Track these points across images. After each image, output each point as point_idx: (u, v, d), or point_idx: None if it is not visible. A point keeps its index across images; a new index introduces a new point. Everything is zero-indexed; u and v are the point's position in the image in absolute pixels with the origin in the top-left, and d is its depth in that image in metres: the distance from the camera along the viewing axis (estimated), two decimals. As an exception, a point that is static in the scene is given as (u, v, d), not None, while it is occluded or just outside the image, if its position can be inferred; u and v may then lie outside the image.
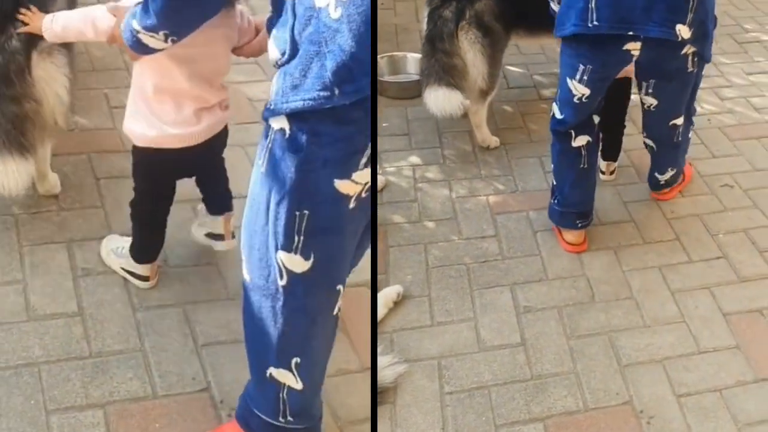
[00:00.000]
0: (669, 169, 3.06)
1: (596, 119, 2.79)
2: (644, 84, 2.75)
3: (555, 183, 2.86)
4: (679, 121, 2.88)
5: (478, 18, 3.17)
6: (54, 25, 2.17)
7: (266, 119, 1.67)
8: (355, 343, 2.38)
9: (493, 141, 3.40)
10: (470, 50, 3.17)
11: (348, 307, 2.32)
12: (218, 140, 2.28)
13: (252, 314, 1.82)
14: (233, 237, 2.45)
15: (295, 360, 1.82)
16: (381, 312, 2.53)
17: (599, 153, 3.04)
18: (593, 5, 2.45)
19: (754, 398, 2.39)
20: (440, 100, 3.11)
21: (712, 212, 3.13)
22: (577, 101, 2.67)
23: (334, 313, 1.85)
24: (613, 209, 3.10)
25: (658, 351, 2.52)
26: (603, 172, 3.22)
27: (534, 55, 4.08)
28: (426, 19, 3.28)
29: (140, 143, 2.19)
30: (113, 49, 3.17)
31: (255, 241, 1.75)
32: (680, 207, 3.14)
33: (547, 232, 2.95)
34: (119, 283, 2.42)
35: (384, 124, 3.46)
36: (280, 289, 1.74)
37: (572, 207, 2.83)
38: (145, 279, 2.42)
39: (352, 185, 1.65)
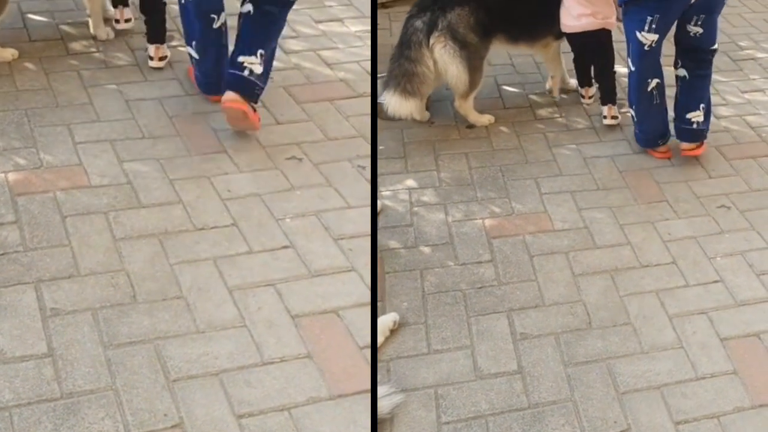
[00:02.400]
0: (701, 106, 3.44)
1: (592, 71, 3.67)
2: (694, 18, 3.26)
3: (636, 118, 3.47)
4: (715, 47, 3.42)
5: (452, 29, 3.30)
6: None
7: None
8: (324, 371, 2.27)
9: (486, 118, 3.60)
10: (451, 64, 3.32)
11: (318, 334, 2.33)
12: None
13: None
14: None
15: (193, 42, 3.15)
16: (378, 340, 2.52)
17: (600, 100, 3.70)
18: None
19: (752, 425, 2.38)
20: (393, 105, 3.33)
21: (709, 234, 3.12)
22: (648, 49, 3.24)
23: (211, 21, 3.04)
24: (610, 232, 3.09)
25: (656, 378, 2.51)
26: (605, 117, 3.68)
27: (530, 74, 4.09)
28: (402, 26, 3.42)
29: None
30: (77, 84, 3.22)
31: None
32: (677, 229, 3.14)
33: (544, 256, 2.94)
34: (89, 322, 2.31)
35: (380, 147, 3.46)
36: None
37: (653, 133, 3.49)
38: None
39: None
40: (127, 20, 3.50)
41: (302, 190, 2.88)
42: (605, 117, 3.68)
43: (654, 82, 3.37)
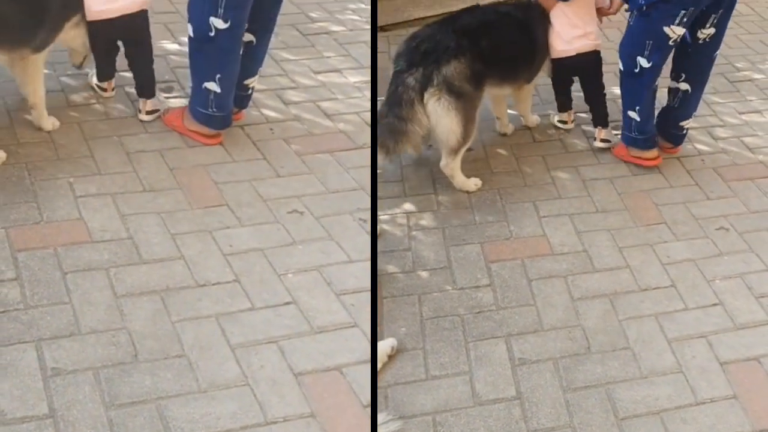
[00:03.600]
0: (693, 114, 3.62)
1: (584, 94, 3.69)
2: (712, 16, 3.31)
3: (639, 119, 3.49)
4: (717, 54, 3.52)
5: (448, 83, 3.14)
6: None
7: None
8: (327, 429, 2.26)
9: (472, 184, 3.39)
10: (446, 117, 3.16)
11: (321, 393, 2.31)
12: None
13: (194, 53, 3.17)
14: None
15: (218, 76, 3.15)
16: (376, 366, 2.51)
17: (592, 122, 3.72)
18: None
19: (753, 451, 2.37)
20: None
21: (708, 257, 3.12)
22: (672, 43, 3.32)
23: (240, 50, 3.18)
24: (608, 255, 3.09)
25: (655, 403, 2.50)
26: (595, 139, 3.70)
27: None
28: (390, 80, 3.26)
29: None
30: (78, 137, 3.20)
31: (196, 11, 3.06)
32: (675, 251, 3.13)
33: (542, 280, 2.94)
34: (90, 382, 2.27)
35: (378, 171, 3.46)
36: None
37: (652, 132, 3.55)
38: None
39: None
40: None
41: (304, 244, 2.86)
42: (595, 139, 3.69)
43: (656, 81, 3.48)
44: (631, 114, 3.52)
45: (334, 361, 2.44)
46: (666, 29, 3.26)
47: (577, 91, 3.78)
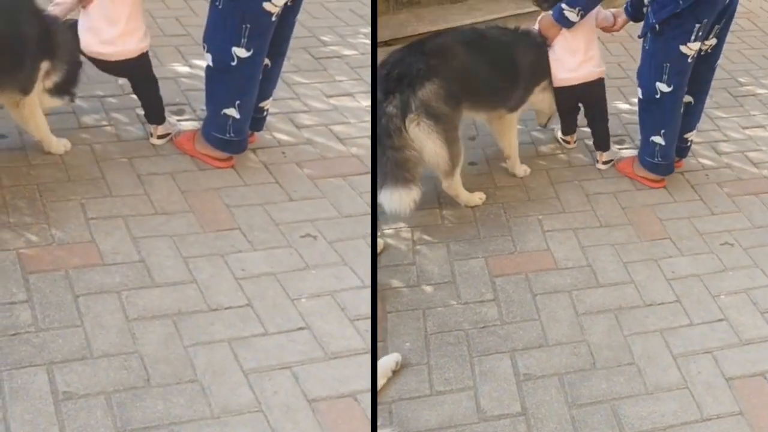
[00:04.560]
0: (696, 126, 3.64)
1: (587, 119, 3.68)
2: (716, 27, 3.30)
3: (664, 143, 3.45)
4: (718, 64, 3.54)
5: (426, 106, 3.04)
6: None
7: None
8: None
9: (477, 198, 3.37)
10: (428, 140, 3.05)
11: (335, 419, 2.30)
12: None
13: (213, 82, 3.15)
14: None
15: (237, 102, 3.13)
16: (380, 382, 2.50)
17: (594, 146, 3.71)
18: None
19: (760, 468, 2.35)
20: (394, 202, 2.98)
21: (713, 272, 3.11)
22: (690, 61, 3.29)
23: (260, 75, 3.19)
24: (613, 270, 3.08)
25: (661, 419, 2.48)
26: (597, 161, 3.68)
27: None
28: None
29: None
30: (89, 158, 3.18)
31: (216, 41, 3.06)
32: (680, 267, 3.13)
33: (547, 295, 2.93)
34: (102, 406, 2.25)
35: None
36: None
37: (672, 157, 3.55)
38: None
39: (273, 6, 2.96)
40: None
41: (317, 269, 2.83)
42: (597, 161, 3.68)
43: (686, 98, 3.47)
44: (656, 139, 3.47)
45: (349, 388, 2.41)
46: (682, 48, 3.25)
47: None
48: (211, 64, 3.10)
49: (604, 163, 3.69)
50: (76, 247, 2.75)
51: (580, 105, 3.71)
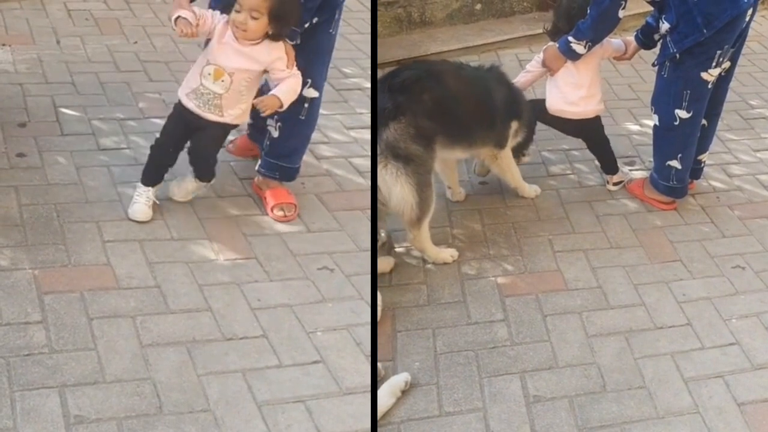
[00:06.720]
0: (709, 148, 3.69)
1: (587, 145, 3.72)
2: (731, 51, 3.32)
3: (680, 167, 3.50)
4: (729, 86, 3.59)
5: (393, 148, 2.84)
6: None
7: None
8: None
9: (448, 255, 3.13)
10: (395, 185, 2.86)
11: None
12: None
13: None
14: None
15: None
16: (389, 401, 2.48)
17: (602, 171, 3.75)
18: None
19: (773, 495, 2.32)
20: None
21: (724, 295, 3.09)
22: (711, 86, 3.35)
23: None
24: (623, 292, 3.07)
25: (672, 444, 2.46)
26: (608, 183, 3.70)
27: (541, 131, 4.08)
28: None
29: None
30: (107, 180, 3.18)
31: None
32: (691, 290, 3.11)
33: (557, 316, 2.92)
34: None
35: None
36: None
37: (687, 179, 3.59)
38: None
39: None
40: (616, 183, 3.72)
41: (334, 302, 2.81)
42: (608, 183, 3.70)
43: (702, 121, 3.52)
44: (672, 163, 3.50)
45: (363, 425, 2.38)
46: (704, 75, 3.28)
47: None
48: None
49: (615, 184, 3.68)
50: (92, 270, 2.76)
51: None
